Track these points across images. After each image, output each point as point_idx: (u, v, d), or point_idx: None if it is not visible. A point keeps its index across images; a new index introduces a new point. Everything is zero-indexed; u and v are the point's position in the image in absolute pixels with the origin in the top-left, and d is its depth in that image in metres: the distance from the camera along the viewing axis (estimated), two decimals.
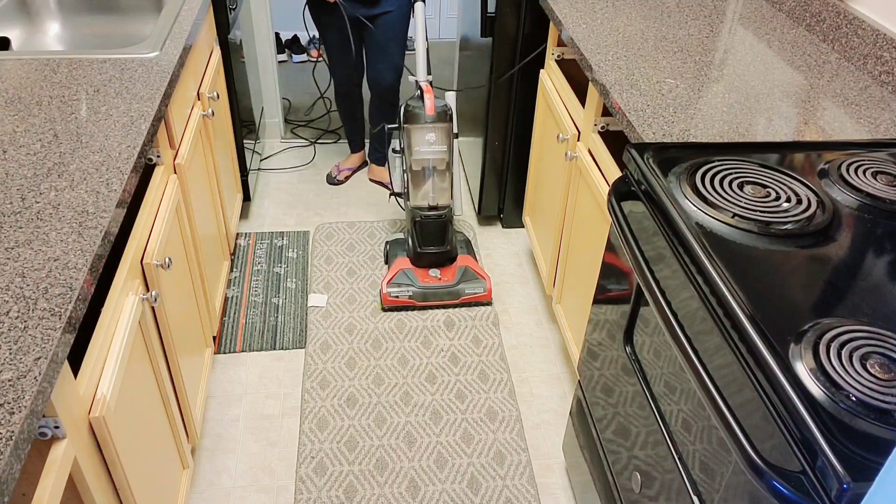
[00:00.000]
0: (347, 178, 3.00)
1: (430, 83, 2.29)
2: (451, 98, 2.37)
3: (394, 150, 2.43)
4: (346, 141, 3.05)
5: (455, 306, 2.33)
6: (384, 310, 2.32)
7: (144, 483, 1.29)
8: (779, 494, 0.80)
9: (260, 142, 3.01)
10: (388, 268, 2.39)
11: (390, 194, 2.65)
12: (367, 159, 3.04)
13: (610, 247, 1.48)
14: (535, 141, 2.32)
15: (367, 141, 3.07)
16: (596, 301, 1.56)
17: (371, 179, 3.02)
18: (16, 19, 2.00)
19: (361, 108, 2.87)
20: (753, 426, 0.90)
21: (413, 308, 2.33)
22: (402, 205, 2.55)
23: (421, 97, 2.24)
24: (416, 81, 2.28)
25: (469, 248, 2.47)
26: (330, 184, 2.95)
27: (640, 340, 1.31)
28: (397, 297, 2.29)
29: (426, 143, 2.21)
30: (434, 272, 2.33)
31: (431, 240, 2.31)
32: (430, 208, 2.28)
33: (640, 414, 1.30)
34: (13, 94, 1.49)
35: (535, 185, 2.38)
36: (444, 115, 2.22)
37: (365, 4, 2.47)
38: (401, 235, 2.56)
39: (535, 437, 1.97)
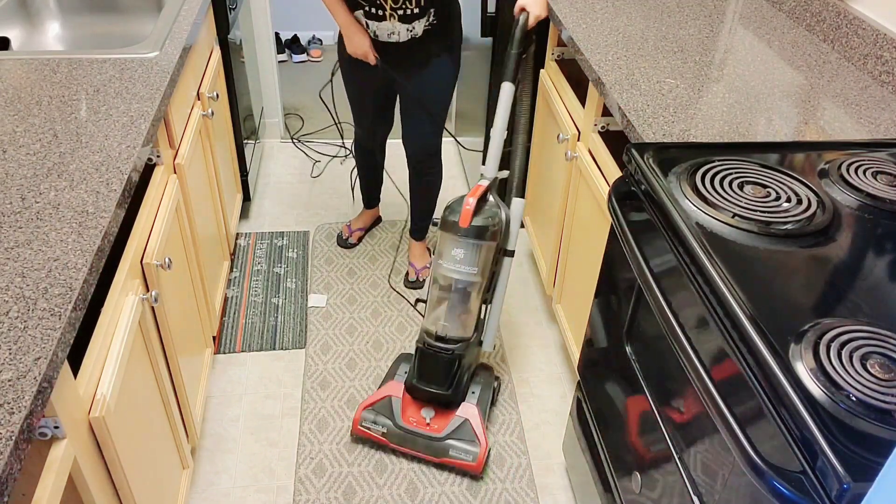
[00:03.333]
0: (360, 238, 2.65)
1: (496, 181, 1.80)
2: (517, 208, 1.84)
3: (430, 251, 1.97)
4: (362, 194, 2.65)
5: (434, 465, 1.88)
6: (353, 438, 1.93)
7: (144, 483, 1.29)
8: (779, 494, 0.80)
9: (260, 142, 3.01)
10: (380, 385, 1.95)
11: (416, 301, 2.19)
12: (409, 235, 2.54)
13: (610, 247, 1.48)
14: (535, 141, 2.32)
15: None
16: (596, 301, 1.56)
17: (411, 263, 2.50)
18: (16, 19, 2.00)
19: (381, 165, 2.51)
20: (753, 426, 0.90)
21: (385, 448, 1.91)
22: (422, 315, 2.14)
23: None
24: (481, 174, 1.81)
25: (486, 393, 1.92)
26: (342, 247, 2.62)
27: (640, 340, 1.31)
28: (368, 429, 1.86)
29: (452, 258, 1.75)
30: (426, 412, 1.86)
31: (429, 376, 1.83)
32: (438, 338, 1.81)
33: (641, 414, 1.30)
34: (13, 94, 1.49)
35: (535, 185, 2.38)
36: (483, 231, 1.72)
37: (400, 61, 2.05)
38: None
39: (534, 438, 1.97)
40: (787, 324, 0.93)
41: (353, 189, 2.95)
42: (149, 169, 1.55)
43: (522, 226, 2.00)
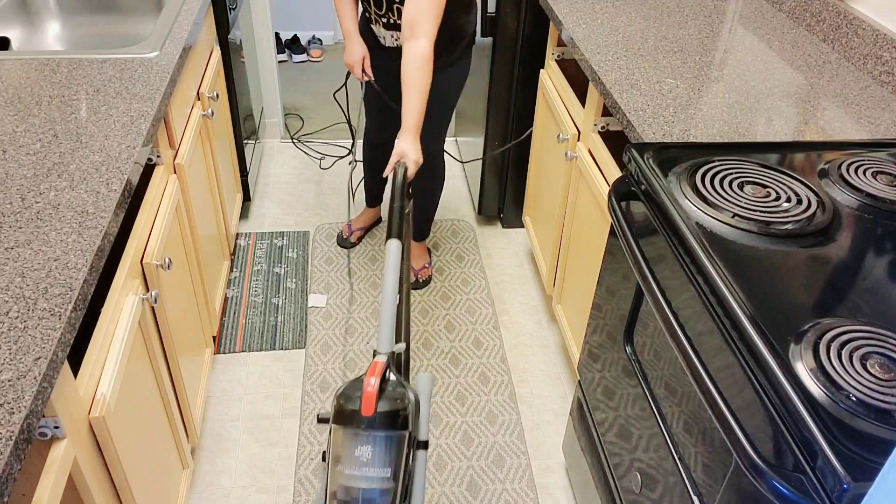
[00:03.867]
0: (360, 238, 2.66)
1: (392, 356, 1.31)
2: (424, 382, 1.40)
3: (322, 458, 1.38)
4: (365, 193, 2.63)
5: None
6: None
7: (144, 483, 1.29)
8: (779, 494, 0.80)
9: (260, 142, 3.01)
10: None
11: (317, 420, 1.50)
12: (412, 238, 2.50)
13: (610, 247, 1.48)
14: (535, 141, 2.32)
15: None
16: (596, 301, 1.56)
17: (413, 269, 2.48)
18: (16, 19, 2.00)
19: (385, 164, 2.43)
20: (753, 426, 0.90)
21: None
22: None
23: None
24: (374, 350, 1.32)
25: None
26: (342, 246, 2.62)
27: (641, 340, 1.31)
28: None
29: (355, 461, 1.25)
30: None
31: None
32: None
33: (641, 414, 1.30)
34: (13, 94, 1.49)
35: (535, 185, 2.38)
36: (392, 418, 1.24)
37: (397, 73, 2.05)
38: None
39: (534, 438, 1.97)
40: (787, 324, 0.93)
41: (351, 191, 2.94)
42: (149, 169, 1.55)
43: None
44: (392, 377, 1.31)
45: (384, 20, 1.97)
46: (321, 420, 1.35)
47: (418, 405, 1.32)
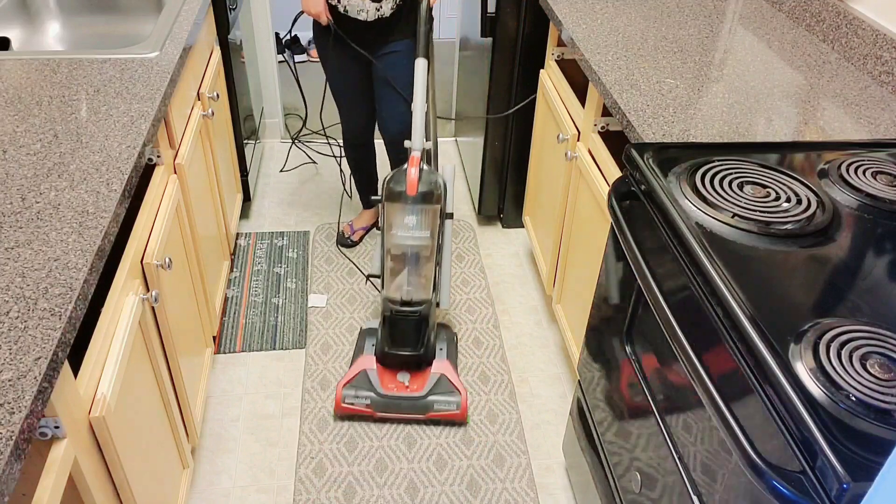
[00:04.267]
0: (362, 237, 2.65)
1: (426, 152, 1.93)
2: (448, 172, 2.05)
3: (377, 227, 2.09)
4: (360, 196, 2.68)
5: (420, 423, 1.97)
6: (336, 417, 1.98)
7: (144, 483, 1.29)
8: (779, 494, 0.80)
9: (260, 142, 3.01)
10: (351, 364, 2.04)
11: (367, 277, 2.22)
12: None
13: (610, 247, 1.48)
14: (535, 141, 2.32)
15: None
16: (596, 301, 1.56)
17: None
18: (16, 19, 2.00)
19: (374, 160, 2.55)
20: (753, 426, 0.90)
21: (372, 419, 1.98)
22: (379, 289, 2.22)
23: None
24: (409, 149, 1.91)
25: (451, 348, 2.08)
26: (343, 245, 2.62)
27: (640, 340, 1.31)
28: (352, 404, 1.93)
29: (404, 226, 1.87)
30: (402, 377, 1.97)
31: (401, 341, 1.94)
32: (403, 303, 1.92)
33: (640, 414, 1.30)
34: (13, 94, 1.49)
35: (535, 185, 2.38)
36: (429, 196, 1.86)
37: (370, 41, 2.14)
38: (377, 324, 2.12)
39: (534, 438, 1.97)
40: (787, 324, 0.93)
41: (347, 187, 2.94)
42: (149, 169, 1.55)
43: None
44: (425, 167, 1.89)
45: None
46: (376, 201, 1.96)
47: (446, 187, 1.93)
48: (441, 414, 1.93)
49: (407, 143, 1.93)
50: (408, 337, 1.94)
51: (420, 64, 1.92)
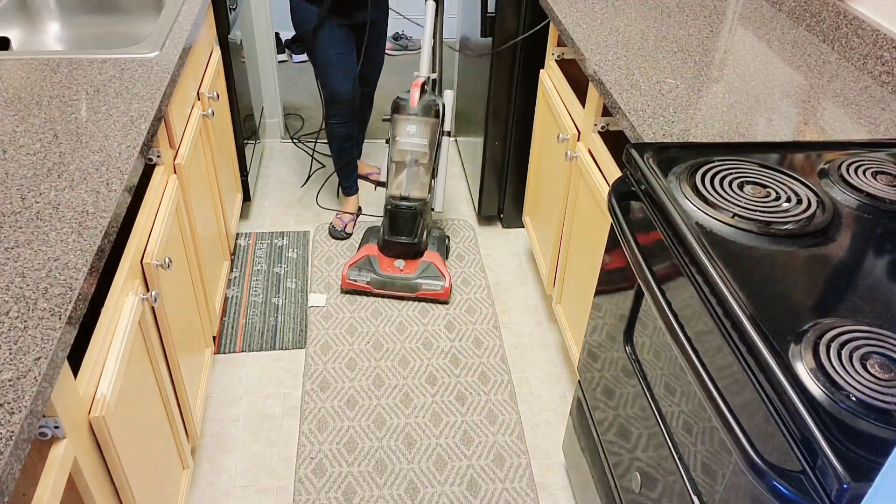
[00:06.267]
0: (354, 226, 2.73)
1: (430, 79, 2.30)
2: (448, 97, 2.37)
3: (386, 141, 2.42)
4: (340, 185, 2.75)
5: (413, 300, 2.36)
6: (343, 291, 2.38)
7: (144, 483, 1.29)
8: (779, 494, 0.80)
9: (260, 142, 3.01)
10: (357, 250, 2.45)
11: (375, 185, 2.74)
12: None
13: (610, 247, 1.48)
14: (535, 141, 2.32)
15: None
16: (596, 301, 1.56)
17: (358, 176, 2.94)
18: (16, 19, 2.00)
19: (360, 142, 2.78)
20: (753, 426, 0.90)
21: (370, 294, 2.37)
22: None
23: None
24: (416, 74, 2.30)
25: (441, 245, 2.48)
26: (337, 239, 2.67)
27: (641, 340, 1.31)
28: (355, 280, 2.34)
29: (407, 133, 2.25)
30: (399, 263, 2.36)
31: (399, 230, 2.33)
32: (402, 198, 2.32)
33: (641, 414, 1.30)
34: (13, 94, 1.49)
35: (535, 185, 2.38)
36: (428, 110, 2.24)
37: (359, 12, 2.37)
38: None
39: (534, 438, 1.97)
40: (787, 324, 0.93)
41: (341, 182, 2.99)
42: (149, 169, 1.55)
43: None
44: (427, 90, 2.29)
45: None
46: (384, 119, 2.33)
47: (444, 108, 2.32)
48: (427, 293, 2.33)
49: (416, 72, 2.30)
50: (405, 227, 2.33)
51: (430, 5, 2.25)
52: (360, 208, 2.79)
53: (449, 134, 2.36)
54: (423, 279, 2.33)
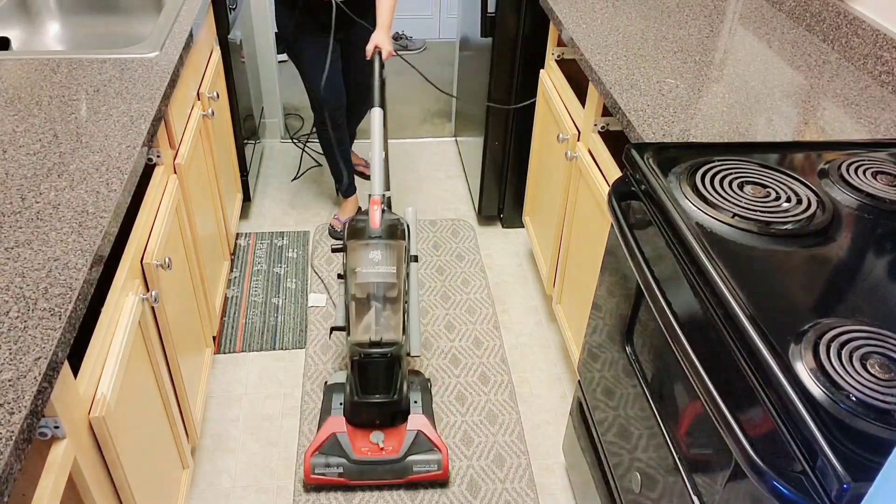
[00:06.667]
0: None
1: (384, 198, 1.90)
2: (409, 214, 1.99)
3: (338, 276, 1.96)
4: (336, 186, 2.70)
5: (400, 486, 1.82)
6: (305, 489, 1.80)
7: (144, 483, 1.29)
8: (779, 494, 0.80)
9: (260, 142, 3.01)
10: (318, 429, 1.83)
11: (330, 330, 1.95)
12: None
13: (610, 247, 1.48)
14: (535, 141, 2.32)
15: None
16: (596, 301, 1.56)
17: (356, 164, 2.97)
18: (16, 19, 2.00)
19: (351, 139, 2.68)
20: (753, 426, 0.90)
21: (346, 488, 1.80)
22: (345, 342, 2.07)
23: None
24: (369, 196, 1.89)
25: (426, 398, 1.92)
26: (337, 238, 2.65)
27: (640, 340, 1.31)
28: (323, 474, 1.76)
29: (370, 262, 1.78)
30: (376, 437, 1.80)
31: (372, 386, 1.78)
32: (372, 344, 1.74)
33: (641, 414, 1.30)
34: (13, 94, 1.49)
35: (535, 185, 2.38)
36: (393, 231, 1.82)
37: (335, 27, 2.22)
38: (343, 377, 1.96)
39: (534, 438, 1.97)
40: (787, 324, 0.93)
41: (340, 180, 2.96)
42: (149, 169, 1.55)
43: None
44: (385, 209, 1.89)
45: None
46: (335, 249, 1.90)
47: (409, 228, 1.91)
48: (421, 476, 1.78)
49: (368, 190, 2.01)
50: (379, 382, 1.78)
51: (376, 113, 1.95)
52: (360, 208, 2.75)
53: (416, 259, 1.94)
54: (412, 457, 1.78)
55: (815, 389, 0.83)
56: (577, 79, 2.11)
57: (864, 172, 1.25)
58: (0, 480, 0.77)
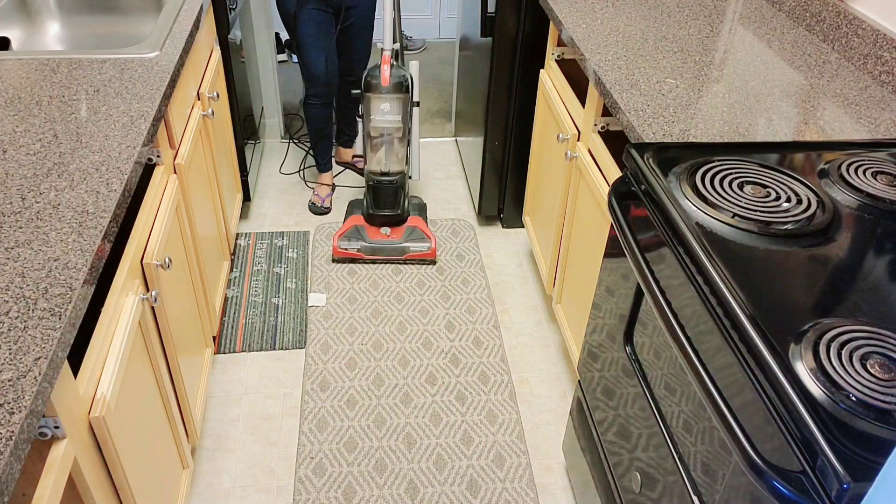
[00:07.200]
0: (331, 201, 2.87)
1: (395, 52, 2.36)
2: (413, 67, 2.44)
3: (358, 116, 2.51)
4: (316, 162, 2.85)
5: (404, 262, 2.50)
6: (334, 260, 2.50)
7: (144, 483, 1.29)
8: (779, 494, 0.80)
9: (260, 142, 3.01)
10: (343, 222, 2.57)
11: (352, 157, 2.83)
12: (335, 142, 3.06)
13: (610, 247, 1.48)
14: (535, 141, 2.32)
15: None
16: (596, 301, 1.56)
17: (338, 162, 3.08)
18: (16, 19, 2.00)
19: (332, 122, 2.81)
20: (754, 426, 0.90)
21: (362, 261, 2.50)
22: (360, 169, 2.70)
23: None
24: (381, 49, 2.32)
25: (422, 211, 2.63)
26: (316, 213, 2.79)
27: (641, 340, 1.31)
28: (346, 249, 2.46)
29: (381, 112, 2.33)
30: (384, 230, 2.50)
31: (383, 203, 2.47)
32: (383, 174, 2.43)
33: (641, 414, 1.30)
34: (13, 94, 1.49)
35: (535, 185, 2.38)
36: (399, 87, 2.30)
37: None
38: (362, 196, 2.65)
39: (534, 438, 1.97)
40: (787, 324, 0.93)
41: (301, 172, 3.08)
42: (149, 169, 1.55)
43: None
44: (395, 62, 2.34)
45: None
46: (355, 97, 2.56)
47: (412, 80, 2.39)
48: (415, 254, 2.47)
49: (380, 44, 2.32)
50: (388, 201, 2.47)
51: None
52: (334, 185, 2.92)
53: (417, 104, 2.48)
54: (410, 242, 2.47)
55: (815, 389, 0.83)
56: (577, 79, 2.11)
57: (864, 172, 1.25)
58: (0, 480, 0.77)
